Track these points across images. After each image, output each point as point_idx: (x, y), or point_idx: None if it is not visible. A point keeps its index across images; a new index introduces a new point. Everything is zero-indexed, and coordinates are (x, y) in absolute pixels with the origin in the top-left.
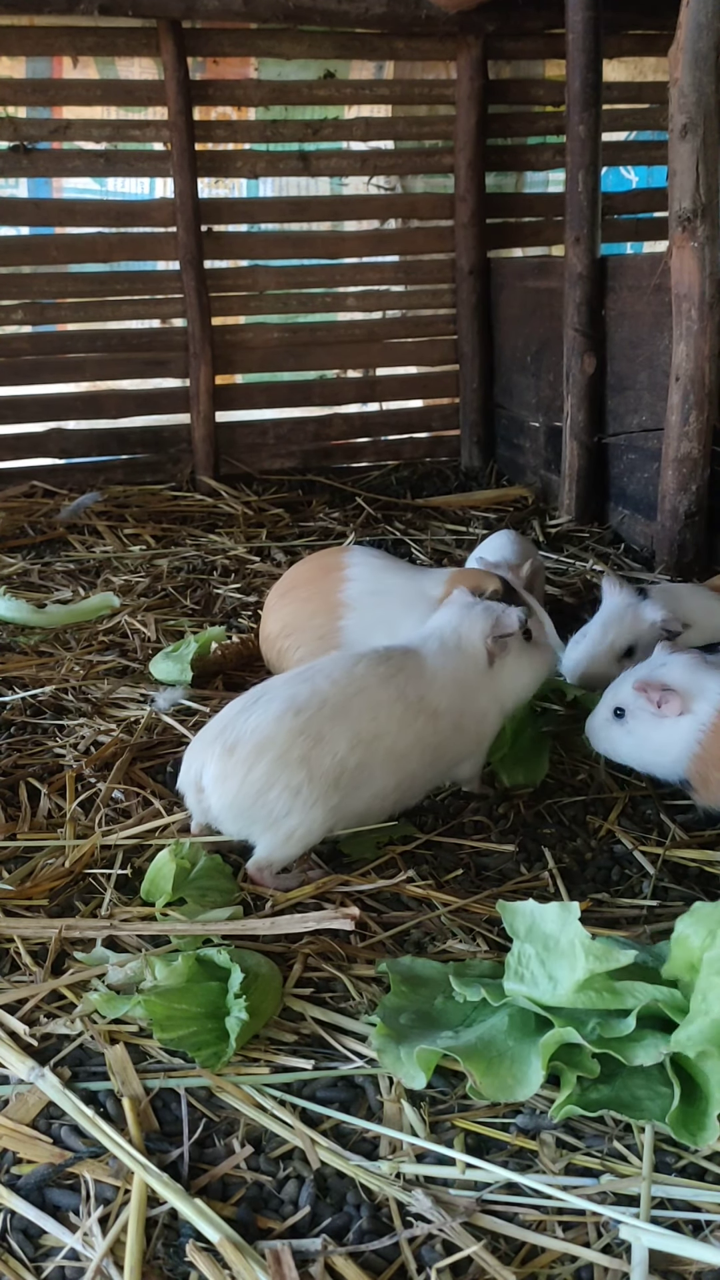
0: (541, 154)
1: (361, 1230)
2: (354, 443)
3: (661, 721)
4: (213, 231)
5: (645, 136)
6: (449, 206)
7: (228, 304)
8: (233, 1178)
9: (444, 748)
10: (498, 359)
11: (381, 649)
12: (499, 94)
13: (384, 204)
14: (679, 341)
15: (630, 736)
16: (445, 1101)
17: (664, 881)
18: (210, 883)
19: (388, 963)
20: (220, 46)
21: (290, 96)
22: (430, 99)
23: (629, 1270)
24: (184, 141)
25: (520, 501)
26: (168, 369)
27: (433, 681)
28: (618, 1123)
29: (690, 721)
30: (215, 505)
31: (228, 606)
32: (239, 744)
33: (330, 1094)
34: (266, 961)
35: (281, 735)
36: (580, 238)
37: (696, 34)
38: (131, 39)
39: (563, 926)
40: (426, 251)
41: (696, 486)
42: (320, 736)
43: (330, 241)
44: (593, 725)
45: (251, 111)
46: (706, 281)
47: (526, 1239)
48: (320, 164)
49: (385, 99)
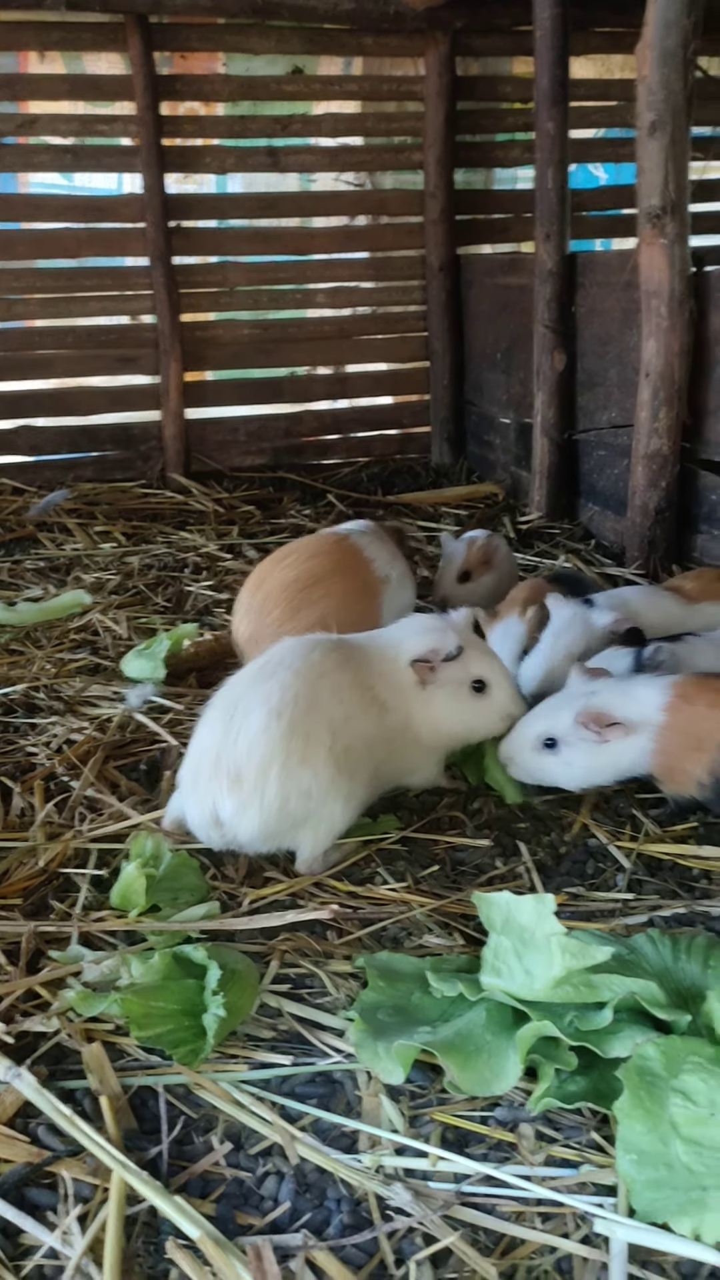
0: (510, 151)
1: (342, 1225)
2: (325, 440)
3: (604, 744)
4: (182, 227)
5: (614, 134)
6: (418, 203)
7: (197, 300)
8: (212, 1174)
9: (397, 744)
10: (468, 356)
11: (333, 637)
12: (467, 90)
13: (353, 200)
14: (648, 338)
15: (570, 767)
16: (424, 1096)
17: (638, 875)
18: (180, 883)
19: (365, 958)
20: (187, 41)
21: (258, 92)
22: (399, 95)
23: (608, 1261)
24: (151, 137)
25: (491, 498)
26: (137, 366)
27: (379, 677)
28: (595, 1114)
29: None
30: (186, 502)
31: (199, 604)
32: (242, 771)
33: (309, 1090)
34: (243, 958)
35: (276, 745)
36: (550, 234)
37: (664, 31)
38: (98, 34)
39: (538, 920)
40: (396, 248)
41: (666, 483)
42: (308, 732)
43: (300, 238)
44: (515, 755)
45: (219, 107)
46: (675, 278)
47: (506, 1230)
48: (289, 160)
49: (354, 95)
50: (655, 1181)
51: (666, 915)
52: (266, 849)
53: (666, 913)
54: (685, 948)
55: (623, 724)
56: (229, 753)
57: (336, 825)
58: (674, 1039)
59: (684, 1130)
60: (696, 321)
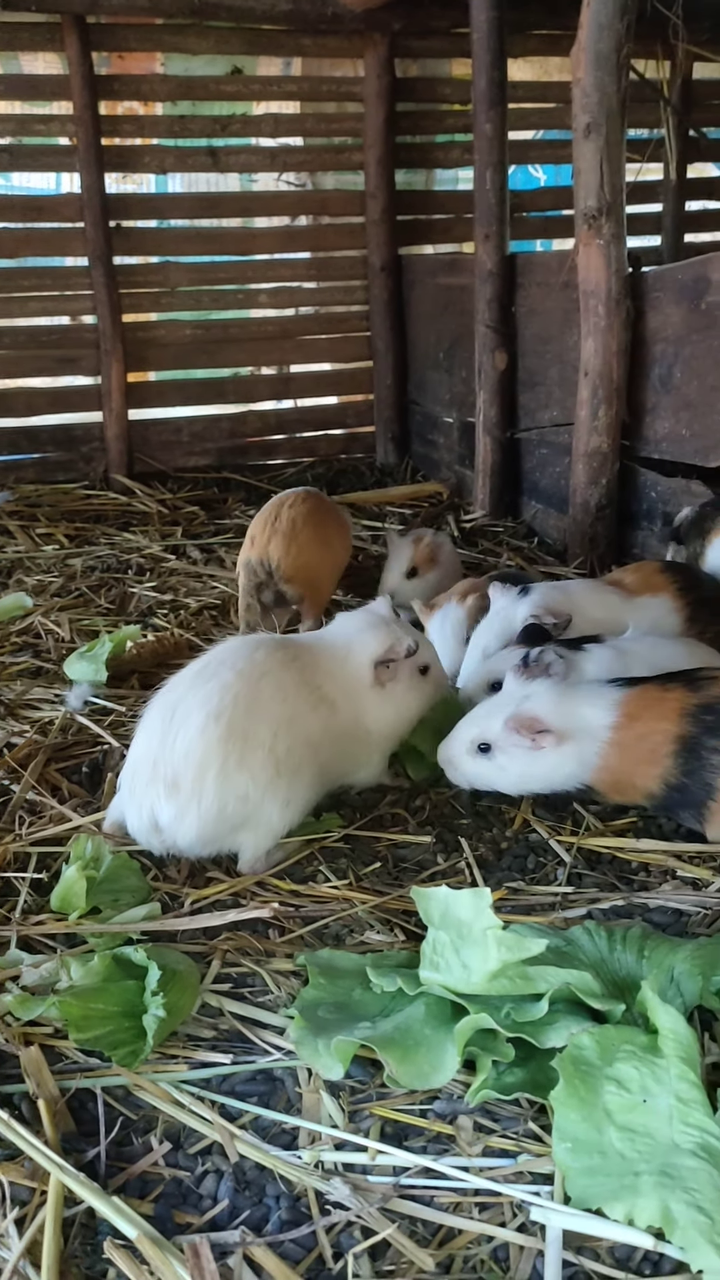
0: (450, 152)
1: (280, 1221)
2: (269, 440)
3: (539, 751)
4: (121, 227)
5: (552, 135)
6: (359, 203)
7: (138, 300)
8: (151, 1174)
9: (344, 743)
10: (411, 355)
11: (277, 636)
12: (407, 92)
13: (294, 200)
14: (587, 337)
15: (504, 772)
16: (364, 1090)
17: (578, 869)
18: (121, 884)
19: (306, 956)
20: (125, 41)
21: (197, 92)
22: (338, 96)
23: (544, 1248)
24: (90, 136)
25: (435, 497)
26: (78, 366)
27: (328, 676)
28: (533, 1104)
29: (576, 744)
30: (129, 504)
31: (143, 605)
32: (179, 776)
33: (249, 1088)
34: (184, 959)
35: (213, 749)
36: (489, 235)
37: (597, 34)
38: (35, 33)
39: (476, 914)
40: (338, 248)
41: (606, 480)
42: (246, 734)
43: (241, 238)
44: (452, 759)
45: (158, 107)
46: (613, 278)
47: (443, 1221)
48: (229, 160)
49: (293, 95)
50: (590, 1168)
51: (605, 908)
52: (207, 853)
53: (605, 905)
54: (620, 939)
55: (556, 733)
56: (166, 758)
57: (276, 828)
58: (608, 1028)
59: (618, 1117)
60: (634, 321)
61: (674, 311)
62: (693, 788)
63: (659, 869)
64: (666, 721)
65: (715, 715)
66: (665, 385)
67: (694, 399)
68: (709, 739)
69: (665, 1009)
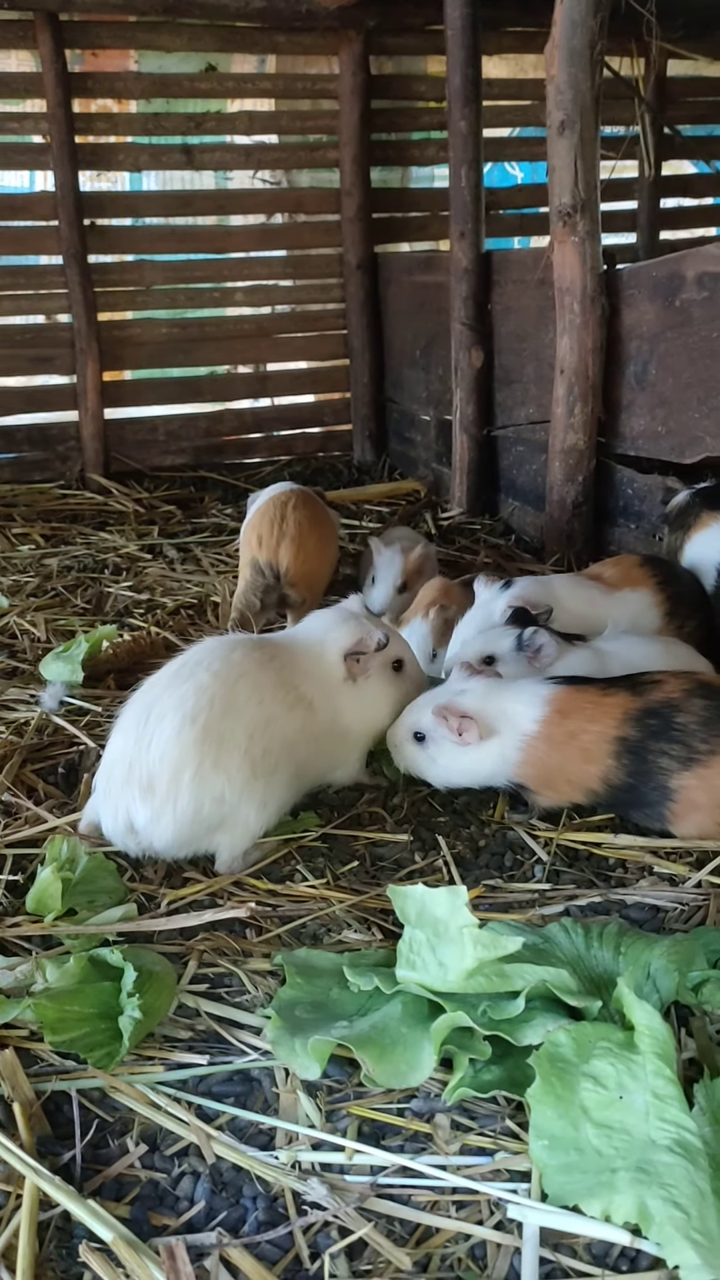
0: (425, 149)
1: (258, 1221)
2: (246, 438)
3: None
4: (96, 225)
5: (528, 132)
6: (335, 201)
7: (114, 299)
8: (127, 1177)
9: (323, 743)
10: (387, 353)
11: (254, 636)
12: (381, 89)
13: (270, 199)
14: (563, 335)
15: (434, 763)
16: (341, 1090)
17: (555, 865)
18: (97, 885)
19: (283, 955)
20: (98, 39)
21: (172, 90)
22: (313, 93)
23: (521, 1245)
24: (63, 134)
25: (413, 495)
26: (53, 365)
27: (304, 675)
28: (510, 1102)
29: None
30: (106, 503)
31: (119, 605)
32: (154, 779)
33: (226, 1088)
34: (160, 959)
35: (189, 751)
36: (465, 232)
37: (571, 31)
38: (7, 31)
39: (452, 912)
40: (313, 246)
41: (583, 477)
42: (221, 736)
43: (216, 236)
44: (395, 744)
45: (132, 104)
46: (588, 275)
47: (421, 1220)
48: (204, 158)
49: (268, 93)
50: (566, 1165)
51: (582, 904)
52: (183, 855)
53: (582, 902)
54: (597, 936)
55: (480, 726)
56: (142, 760)
57: (254, 829)
58: (585, 1025)
59: (594, 1114)
60: (609, 318)
61: (649, 309)
62: (643, 790)
63: (636, 865)
64: (603, 724)
65: (660, 719)
66: (641, 382)
67: (669, 396)
68: (654, 742)
69: (641, 1005)
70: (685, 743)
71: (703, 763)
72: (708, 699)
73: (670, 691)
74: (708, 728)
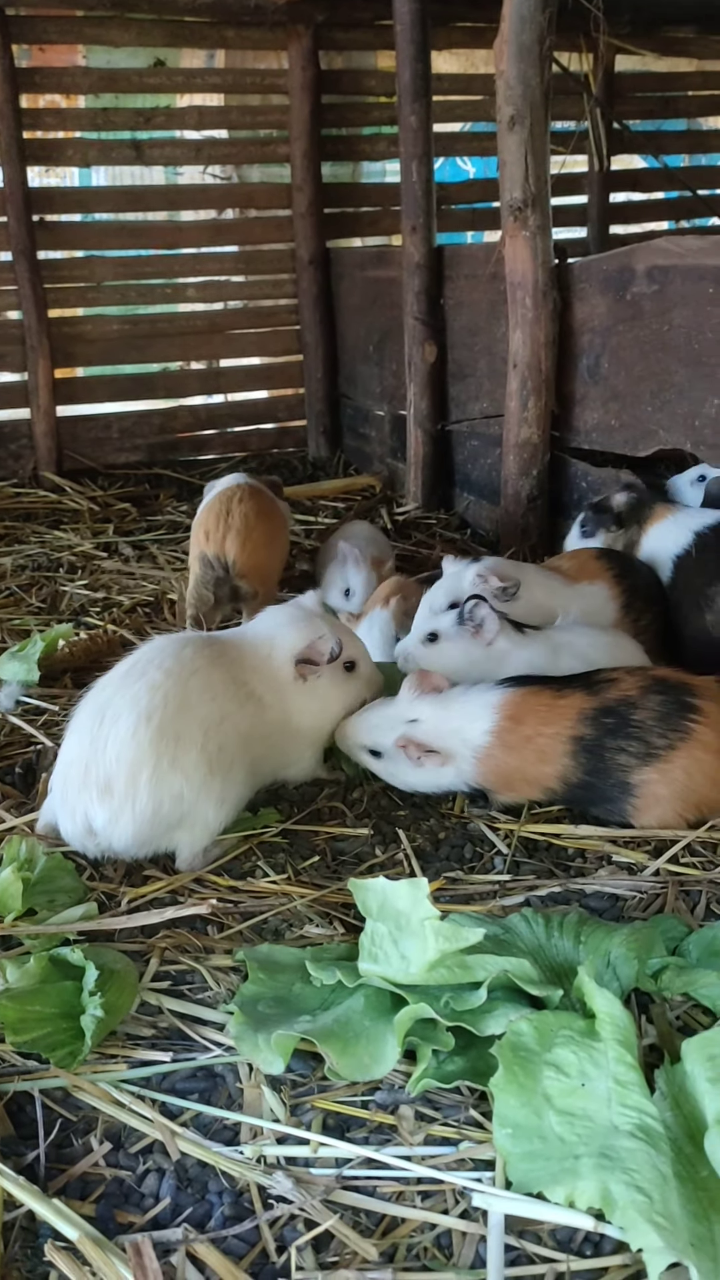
0: (376, 144)
1: (223, 1216)
2: (200, 435)
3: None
4: (45, 221)
5: (480, 127)
6: (286, 196)
7: (64, 296)
8: (92, 1175)
9: (275, 740)
10: (341, 348)
11: (205, 634)
12: (332, 84)
13: (221, 194)
14: (515, 329)
15: (393, 776)
16: (305, 1084)
17: (516, 856)
18: (56, 885)
19: (245, 951)
20: (46, 34)
21: (120, 84)
22: (263, 88)
23: (486, 1233)
24: (11, 129)
25: (368, 490)
26: (4, 363)
27: (254, 672)
28: (473, 1091)
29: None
30: (60, 501)
31: (75, 603)
32: (112, 780)
33: (190, 1085)
34: (122, 958)
35: (146, 750)
36: (416, 227)
37: (520, 27)
38: None
39: (413, 904)
40: (265, 241)
41: (537, 471)
42: (177, 734)
43: (167, 231)
44: (350, 751)
45: (81, 99)
46: (539, 270)
47: (386, 1211)
48: (154, 153)
49: (217, 88)
50: (530, 1153)
51: (543, 894)
52: (143, 854)
53: (543, 892)
54: (558, 925)
55: (440, 753)
56: (98, 761)
57: (213, 825)
58: (546, 1014)
59: (557, 1102)
60: (561, 312)
61: (600, 302)
62: (602, 787)
63: (596, 854)
64: (558, 725)
65: (617, 717)
66: (593, 376)
67: (622, 389)
68: (611, 740)
69: (602, 993)
70: (643, 739)
71: (662, 757)
72: (663, 694)
73: (626, 689)
74: (665, 723)
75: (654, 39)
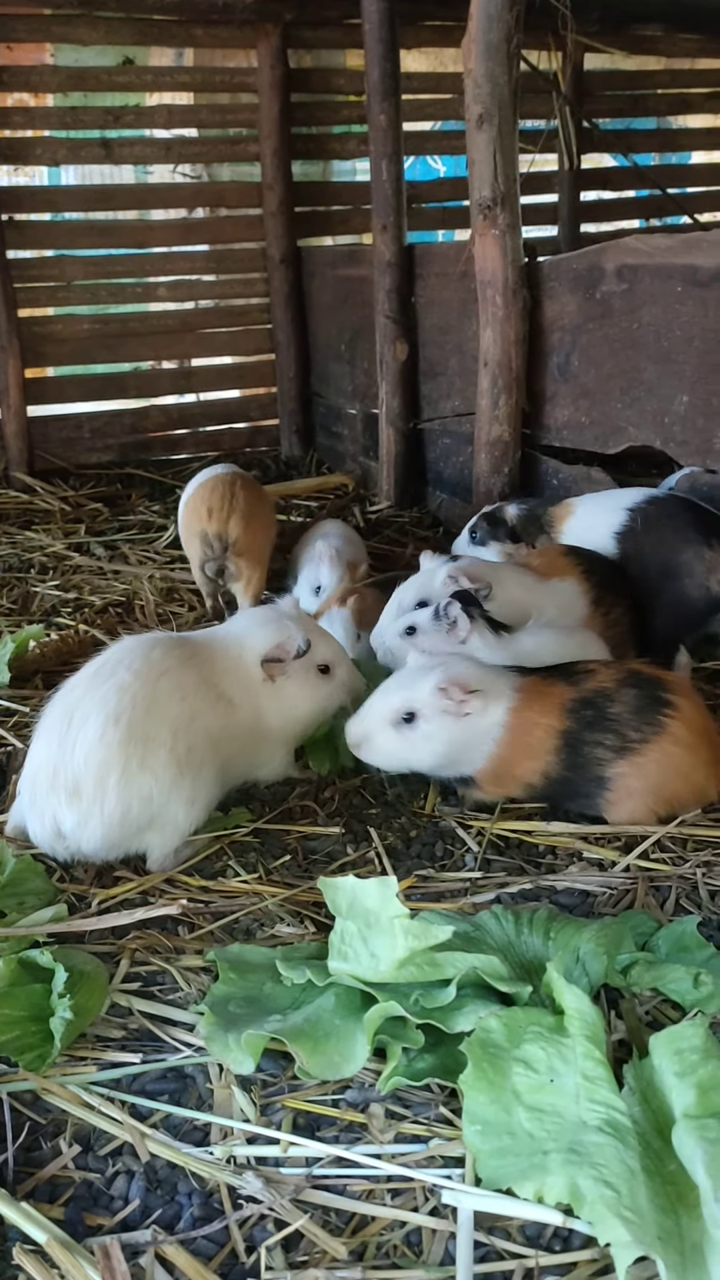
0: (346, 143)
1: (193, 1217)
2: (172, 435)
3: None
4: (14, 220)
5: (450, 126)
6: (256, 195)
7: (34, 295)
8: (61, 1178)
9: (245, 741)
10: (313, 347)
11: (175, 635)
12: (301, 83)
13: (191, 192)
14: (485, 327)
15: (430, 741)
16: (275, 1084)
17: (487, 854)
18: (26, 887)
19: (216, 951)
20: (13, 32)
21: (89, 83)
22: (232, 87)
23: (456, 1230)
24: None
25: (341, 489)
26: None
27: (224, 673)
28: (443, 1089)
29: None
30: (31, 502)
31: (46, 604)
32: (80, 783)
33: (160, 1086)
34: (92, 959)
35: (114, 753)
36: (387, 225)
37: (487, 25)
38: None
39: (382, 902)
40: (236, 240)
41: (509, 469)
42: (146, 735)
43: (138, 230)
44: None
45: (49, 98)
46: (509, 268)
47: (356, 1209)
48: (123, 152)
49: (187, 86)
50: (499, 1150)
51: (513, 891)
52: (113, 856)
53: (513, 889)
54: (527, 922)
55: (483, 692)
56: (66, 764)
57: (183, 826)
58: (515, 1011)
59: (526, 1098)
60: (531, 311)
61: (570, 300)
62: (578, 782)
63: (566, 851)
64: (551, 716)
65: (595, 710)
66: (564, 374)
67: (592, 387)
68: (589, 733)
69: (570, 989)
70: (619, 732)
71: (636, 751)
72: (638, 688)
73: (603, 681)
74: (640, 716)
75: (622, 37)
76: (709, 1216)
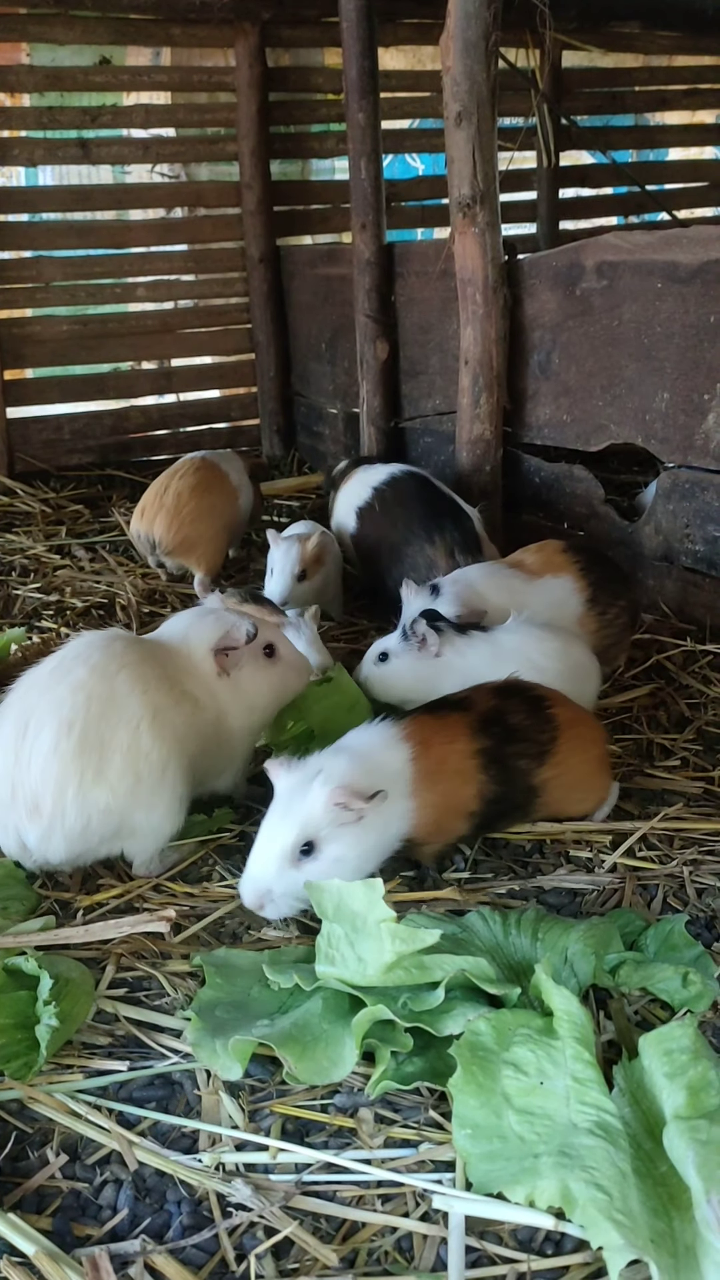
0: (325, 141)
1: (182, 1226)
2: (153, 435)
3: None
4: None
5: (428, 124)
6: (235, 195)
7: (13, 296)
8: (48, 1188)
9: (209, 743)
10: (293, 347)
11: (131, 635)
12: (279, 81)
13: (169, 192)
14: (466, 326)
15: (342, 863)
16: (264, 1089)
17: (475, 855)
18: (8, 893)
19: (202, 956)
20: None
21: (66, 83)
22: (210, 86)
23: (447, 1235)
24: None
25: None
26: None
27: (185, 674)
28: (433, 1092)
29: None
30: (11, 504)
31: (28, 607)
32: (39, 799)
33: (147, 1093)
34: (78, 966)
35: (68, 767)
36: (366, 224)
37: (465, 23)
38: None
39: (369, 906)
40: (215, 240)
41: (491, 467)
42: (101, 741)
43: (116, 231)
44: (270, 889)
45: (26, 98)
46: (489, 266)
47: (346, 1215)
48: (101, 152)
49: (164, 86)
50: (490, 1153)
51: (501, 891)
52: (86, 864)
53: (501, 889)
54: (515, 922)
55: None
56: (24, 781)
57: (157, 830)
58: (504, 1013)
59: (516, 1101)
60: (512, 309)
61: (550, 298)
62: (514, 794)
63: (553, 851)
64: (461, 740)
65: (501, 725)
66: (545, 371)
67: (573, 385)
68: (508, 746)
69: (559, 991)
70: (530, 739)
71: (551, 751)
72: (515, 696)
73: (486, 701)
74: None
75: (600, 34)
76: (701, 1218)
